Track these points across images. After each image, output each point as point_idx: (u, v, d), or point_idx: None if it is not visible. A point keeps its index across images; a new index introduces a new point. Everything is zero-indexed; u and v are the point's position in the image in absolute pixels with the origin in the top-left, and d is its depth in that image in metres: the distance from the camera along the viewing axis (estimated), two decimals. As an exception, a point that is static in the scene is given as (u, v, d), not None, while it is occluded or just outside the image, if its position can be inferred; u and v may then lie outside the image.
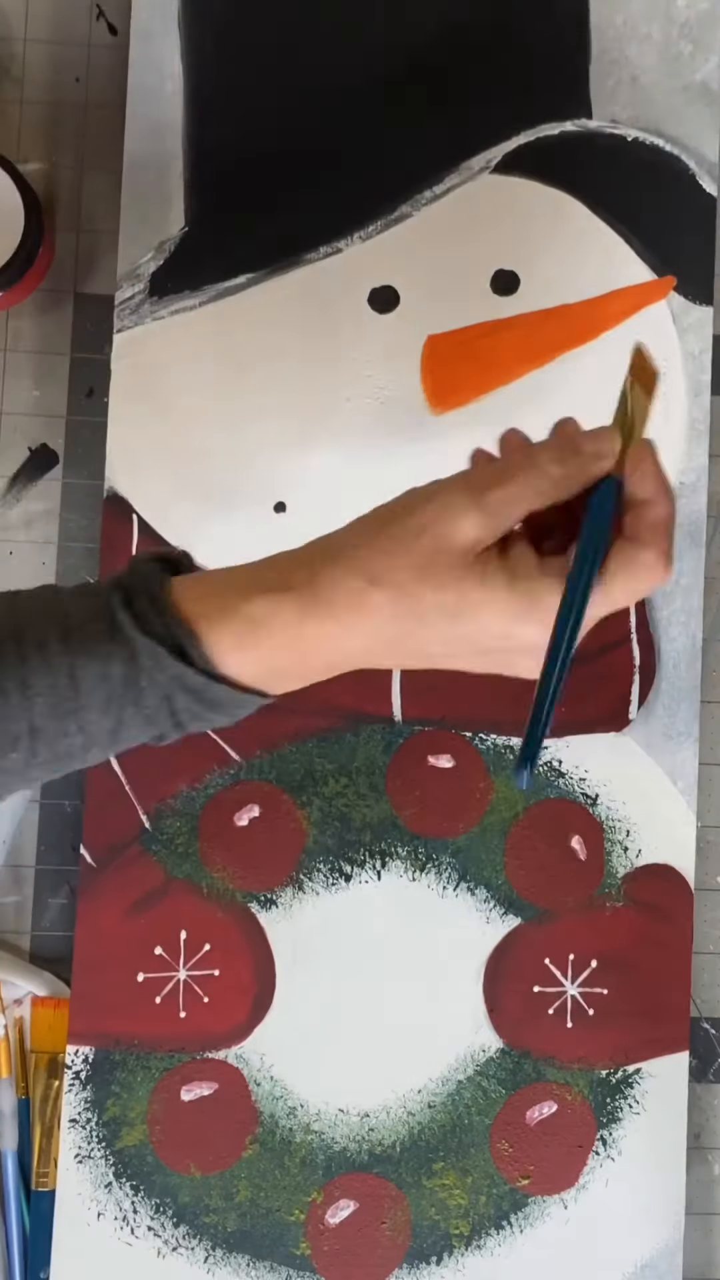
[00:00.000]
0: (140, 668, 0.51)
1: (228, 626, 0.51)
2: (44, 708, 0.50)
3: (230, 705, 0.52)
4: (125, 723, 0.52)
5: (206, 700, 0.51)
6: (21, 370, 0.72)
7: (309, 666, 0.53)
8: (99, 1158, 0.68)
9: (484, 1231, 0.69)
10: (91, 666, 0.50)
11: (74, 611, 0.52)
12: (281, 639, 0.52)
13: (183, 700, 0.51)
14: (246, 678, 0.52)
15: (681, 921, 0.71)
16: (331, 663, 0.53)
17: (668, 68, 0.73)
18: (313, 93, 0.72)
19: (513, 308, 0.72)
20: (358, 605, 0.51)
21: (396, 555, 0.52)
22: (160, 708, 0.51)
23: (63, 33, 0.73)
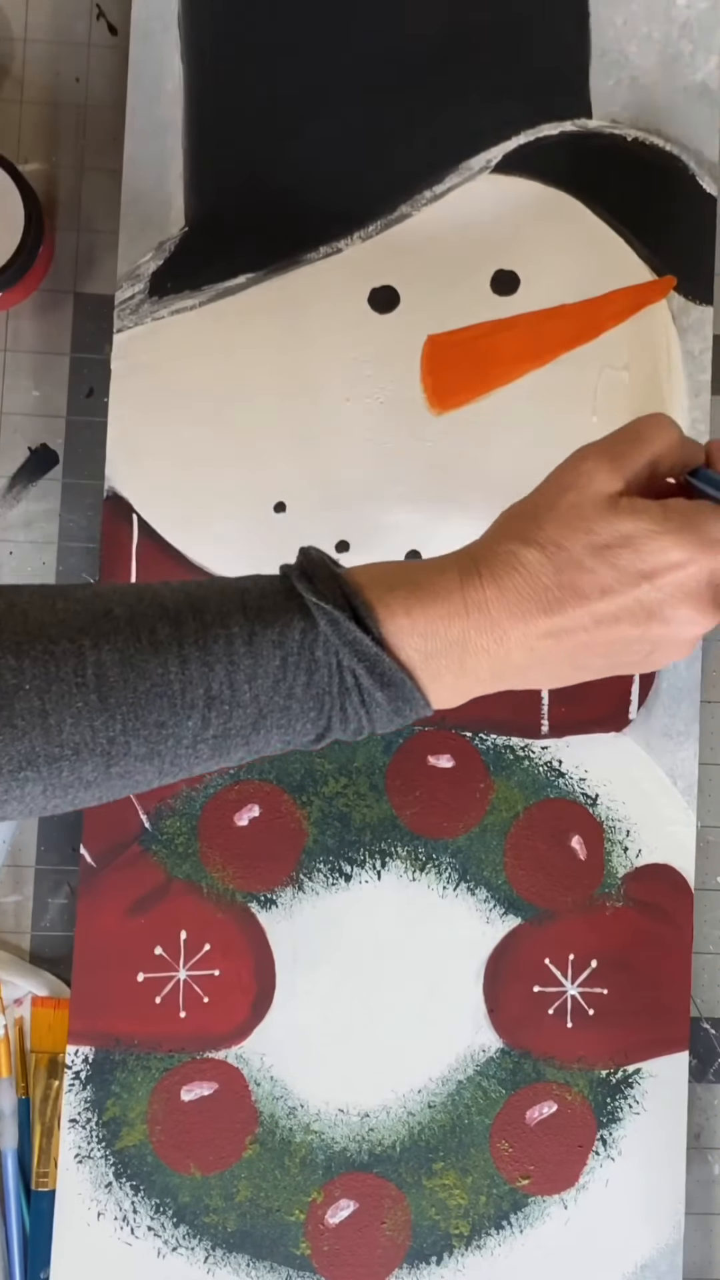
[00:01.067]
0: (317, 633, 0.53)
1: (397, 593, 0.54)
2: (222, 673, 0.52)
3: (399, 688, 0.53)
4: (296, 698, 0.53)
5: (378, 675, 0.53)
6: (21, 370, 0.72)
7: (472, 645, 0.54)
8: (99, 1158, 0.68)
9: (484, 1231, 0.69)
10: (270, 633, 0.52)
11: (252, 588, 0.54)
12: (445, 607, 0.54)
13: (355, 673, 0.53)
14: (413, 654, 0.54)
15: (681, 921, 0.71)
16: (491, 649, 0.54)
17: (668, 68, 0.73)
18: (313, 92, 0.72)
19: (513, 308, 0.72)
20: (513, 566, 0.54)
21: (542, 517, 0.55)
22: (332, 683, 0.53)
23: (63, 33, 0.73)
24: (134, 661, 0.51)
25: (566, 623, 0.54)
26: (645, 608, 0.54)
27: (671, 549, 0.53)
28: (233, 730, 0.53)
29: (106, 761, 0.51)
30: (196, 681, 0.52)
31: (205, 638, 0.52)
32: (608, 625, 0.54)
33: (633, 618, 0.54)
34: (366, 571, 0.55)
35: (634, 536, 0.53)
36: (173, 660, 0.51)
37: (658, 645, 0.55)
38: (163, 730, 0.52)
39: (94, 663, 0.51)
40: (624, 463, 0.55)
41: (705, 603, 0.54)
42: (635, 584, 0.53)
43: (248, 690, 0.52)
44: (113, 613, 0.52)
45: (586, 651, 0.55)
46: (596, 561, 0.53)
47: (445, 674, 0.54)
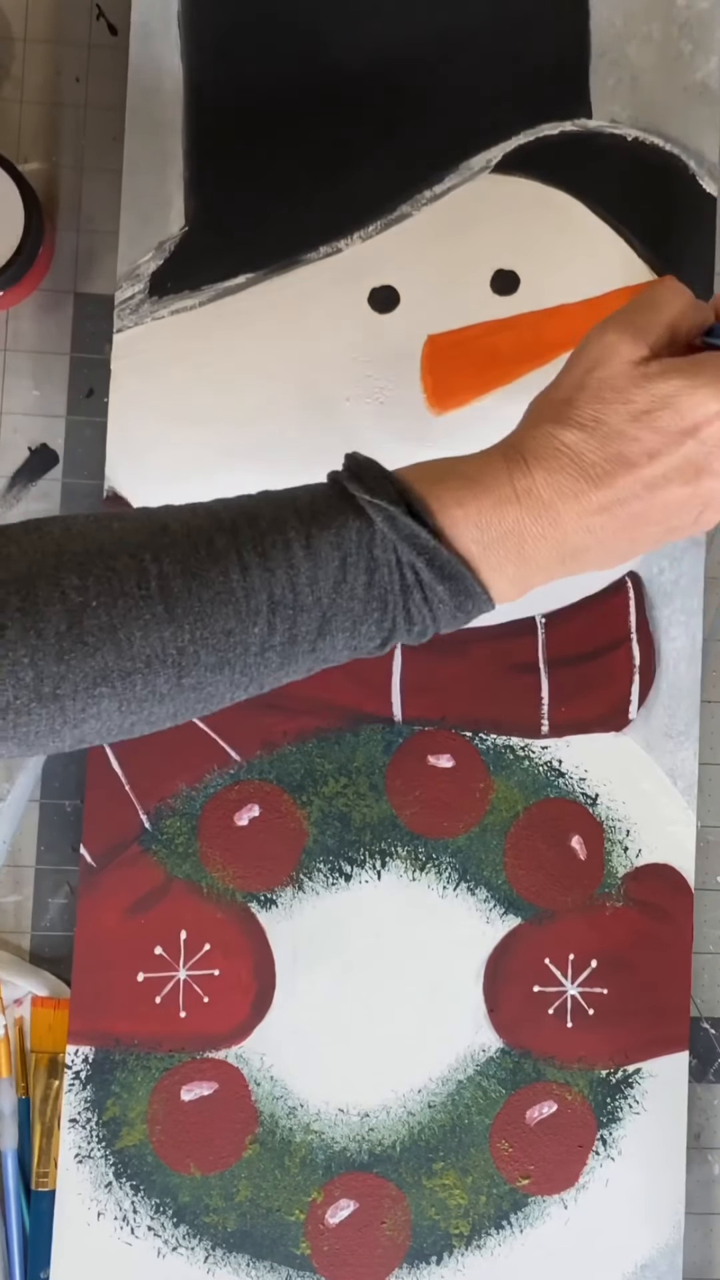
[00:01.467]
0: (374, 530, 0.53)
1: (447, 484, 0.54)
2: (283, 578, 0.52)
3: (459, 581, 0.53)
4: (358, 599, 0.53)
5: (438, 568, 0.53)
6: (21, 370, 0.72)
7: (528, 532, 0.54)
8: (99, 1158, 0.68)
9: (484, 1231, 0.69)
10: (327, 535, 0.53)
11: (303, 495, 0.55)
12: (496, 495, 0.54)
13: (416, 568, 0.53)
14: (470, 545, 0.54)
15: (681, 921, 0.71)
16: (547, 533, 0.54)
17: (668, 68, 0.73)
18: (313, 92, 0.72)
19: (513, 308, 0.72)
20: (556, 448, 0.54)
21: (575, 396, 0.55)
22: (393, 578, 0.53)
23: (63, 33, 0.73)
24: (195, 571, 0.51)
25: (619, 493, 0.54)
26: (693, 463, 0.54)
27: (709, 400, 0.54)
28: (299, 635, 0.53)
29: (179, 672, 0.51)
30: (259, 587, 0.52)
31: (263, 544, 0.52)
32: (660, 488, 0.54)
33: (682, 476, 0.54)
34: (414, 469, 0.55)
35: (670, 396, 0.54)
36: (234, 568, 0.52)
37: (709, 501, 0.55)
38: (230, 638, 0.52)
39: (157, 575, 0.51)
40: (645, 330, 0.55)
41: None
42: (680, 442, 0.54)
43: (310, 593, 0.52)
44: (169, 528, 0.53)
45: (641, 521, 0.55)
46: (638, 428, 0.54)
47: (506, 564, 0.54)
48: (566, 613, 0.71)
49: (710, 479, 0.55)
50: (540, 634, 0.71)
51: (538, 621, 0.71)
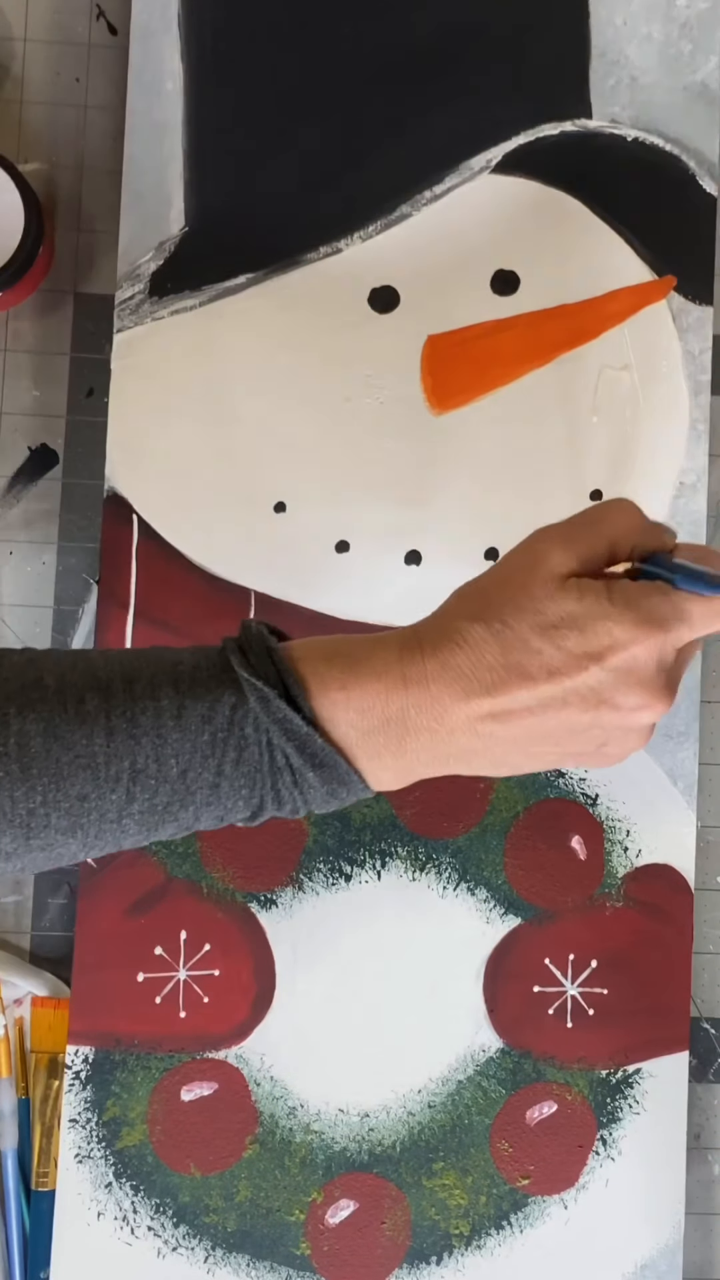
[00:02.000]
0: (247, 710, 0.51)
1: (331, 669, 0.52)
2: (149, 747, 0.51)
3: (332, 769, 0.52)
4: (225, 776, 0.51)
5: (309, 755, 0.51)
6: (21, 370, 0.72)
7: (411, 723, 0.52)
8: (99, 1158, 0.68)
9: (484, 1231, 0.69)
10: (199, 707, 0.51)
11: (187, 660, 0.53)
12: (383, 681, 0.52)
13: (285, 753, 0.51)
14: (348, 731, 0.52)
15: (681, 921, 0.71)
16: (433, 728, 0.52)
17: (668, 68, 0.73)
18: (312, 92, 0.72)
19: (513, 308, 0.72)
20: (457, 642, 0.52)
21: (491, 594, 0.53)
22: (262, 761, 0.52)
23: (63, 33, 0.73)
24: (58, 732, 0.50)
25: (511, 704, 0.51)
26: (594, 692, 0.51)
27: (616, 629, 0.51)
28: (159, 806, 0.52)
29: (26, 833, 0.50)
30: (122, 754, 0.50)
31: (133, 709, 0.51)
32: (555, 709, 0.52)
33: (582, 702, 0.51)
34: (304, 646, 0.54)
35: (580, 617, 0.51)
36: (99, 732, 0.50)
37: (610, 733, 0.53)
38: (85, 804, 0.51)
39: (17, 732, 0.50)
40: (579, 544, 0.53)
41: (657, 688, 0.52)
42: (582, 666, 0.51)
43: (174, 765, 0.51)
44: (43, 681, 0.51)
45: (534, 738, 0.52)
46: (543, 642, 0.51)
47: (384, 753, 0.52)
48: (566, 613, 0.71)
49: (610, 711, 0.52)
50: (540, 634, 0.71)
51: (538, 621, 0.71)
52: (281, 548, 0.70)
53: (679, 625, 0.52)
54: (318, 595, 0.70)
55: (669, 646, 0.52)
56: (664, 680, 0.52)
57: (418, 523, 0.71)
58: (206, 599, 0.70)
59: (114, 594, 0.70)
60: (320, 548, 0.70)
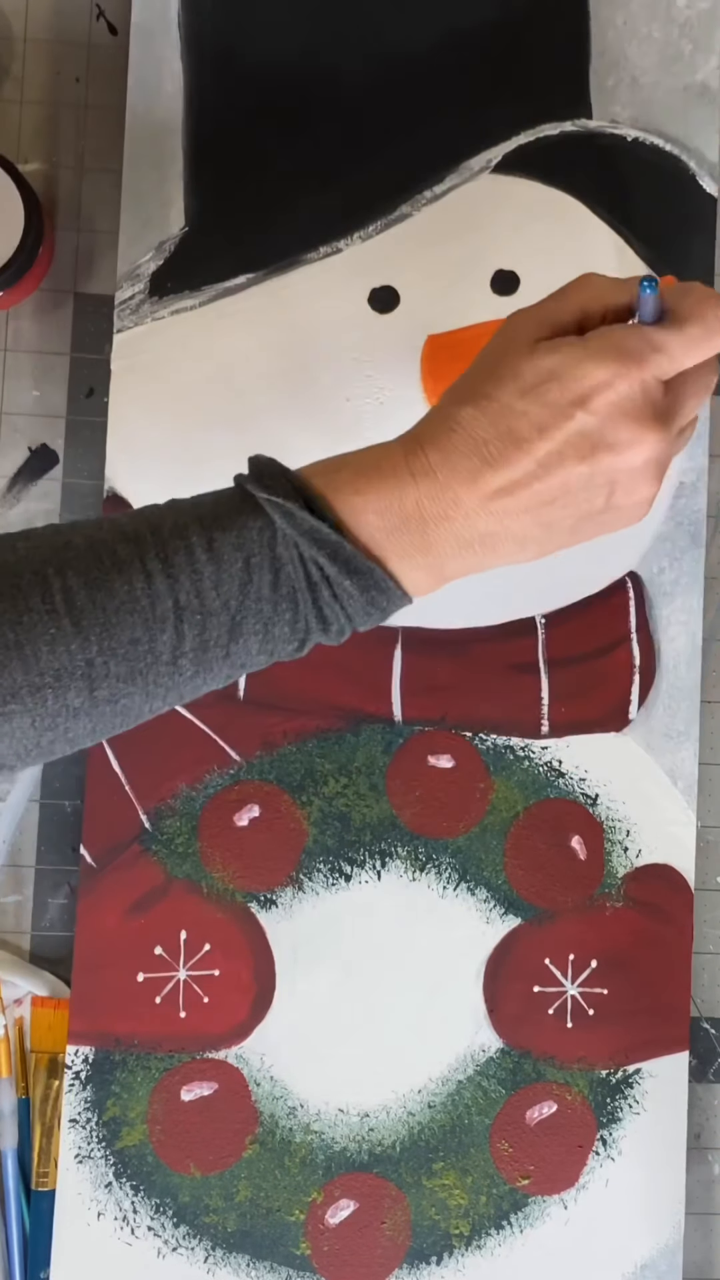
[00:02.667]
0: (274, 530, 0.52)
1: (343, 474, 0.54)
2: (187, 584, 0.52)
3: (367, 575, 0.53)
4: (265, 600, 0.53)
5: (342, 561, 0.52)
6: (21, 370, 0.72)
7: (429, 514, 0.53)
8: (99, 1158, 0.68)
9: (484, 1231, 0.69)
10: (228, 537, 0.52)
11: (207, 500, 0.54)
12: (393, 479, 0.53)
13: (319, 563, 0.52)
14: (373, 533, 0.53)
15: (681, 921, 0.71)
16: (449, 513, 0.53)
17: (668, 68, 0.73)
18: (313, 92, 0.72)
19: (513, 307, 0.71)
20: (449, 426, 0.53)
21: (474, 376, 0.55)
22: (299, 576, 0.53)
23: (63, 33, 0.73)
24: (100, 582, 0.51)
25: (513, 473, 0.52)
26: (586, 437, 0.52)
27: (593, 369, 0.52)
28: (210, 641, 0.52)
29: (89, 685, 0.51)
30: (164, 594, 0.52)
31: (165, 550, 0.52)
32: (554, 466, 0.52)
33: (576, 450, 0.52)
34: (314, 465, 0.55)
35: (555, 368, 0.52)
36: (138, 576, 0.51)
37: (614, 478, 0.53)
38: (138, 647, 0.52)
39: (61, 589, 0.51)
40: (549, 314, 0.55)
41: (646, 418, 0.52)
42: (569, 414, 0.52)
43: (216, 597, 0.52)
44: (72, 542, 0.52)
45: (545, 504, 0.53)
46: (527, 402, 0.52)
47: (412, 551, 0.54)
48: (566, 613, 0.71)
49: (607, 454, 0.52)
50: (540, 634, 0.71)
51: (538, 621, 0.71)
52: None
53: (655, 356, 0.53)
54: (318, 595, 0.70)
55: (650, 378, 0.53)
56: (651, 411, 0.53)
57: (418, 523, 0.71)
58: (206, 599, 0.70)
59: (114, 594, 0.70)
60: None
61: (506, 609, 0.71)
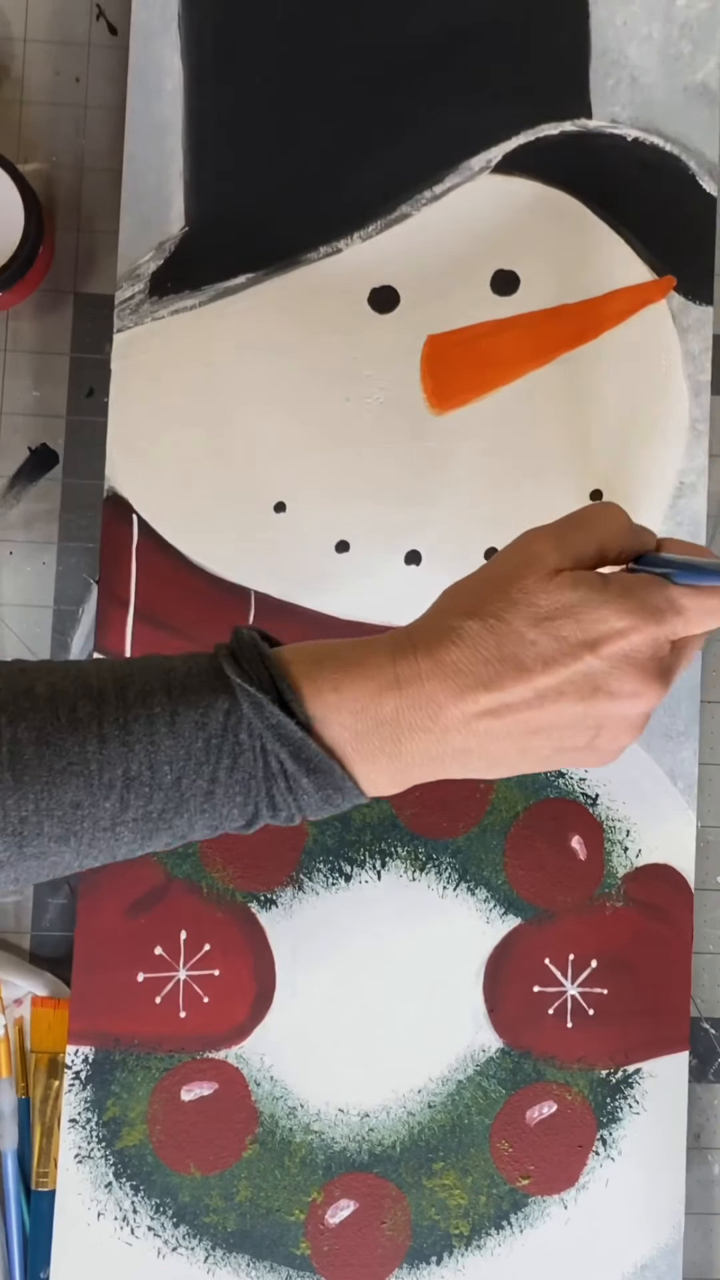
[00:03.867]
0: (240, 716, 0.51)
1: (323, 670, 0.52)
2: (142, 754, 0.50)
3: (326, 775, 0.51)
4: (219, 783, 0.51)
5: (303, 760, 0.51)
6: (21, 370, 0.72)
7: (405, 722, 0.52)
8: (99, 1158, 0.68)
9: (484, 1231, 0.69)
10: (192, 714, 0.51)
11: (179, 666, 0.52)
12: (376, 681, 0.52)
13: (280, 758, 0.51)
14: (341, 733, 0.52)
15: (681, 921, 0.71)
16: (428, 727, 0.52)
17: (668, 68, 0.73)
18: (312, 92, 0.72)
19: (513, 308, 0.72)
20: (451, 639, 0.52)
21: (484, 592, 0.53)
22: (256, 767, 0.51)
23: (63, 33, 0.73)
24: (51, 739, 0.50)
25: (508, 698, 0.51)
26: (589, 680, 0.52)
27: (613, 617, 0.51)
28: (154, 814, 0.51)
29: (19, 841, 0.50)
30: (115, 761, 0.50)
31: (126, 716, 0.51)
32: (551, 700, 0.52)
33: (577, 690, 0.52)
34: (296, 649, 0.53)
35: (575, 606, 0.51)
36: (91, 739, 0.50)
37: (604, 723, 0.53)
38: (78, 811, 0.50)
39: (9, 740, 0.50)
40: (570, 545, 0.53)
41: (651, 674, 0.52)
42: (578, 655, 0.51)
43: (169, 772, 0.51)
44: (34, 690, 0.51)
45: (529, 732, 0.52)
46: (538, 633, 0.51)
47: (379, 755, 0.52)
48: (566, 613, 0.71)
49: (605, 700, 0.52)
50: (540, 634, 0.71)
51: (538, 621, 0.71)
52: (281, 548, 0.70)
53: (674, 617, 0.52)
54: (318, 595, 0.70)
55: (664, 637, 0.52)
56: (658, 668, 0.53)
57: (418, 523, 0.71)
58: (206, 599, 0.70)
59: (114, 594, 0.70)
60: (320, 548, 0.71)
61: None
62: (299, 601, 0.70)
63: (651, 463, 0.71)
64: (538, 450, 0.71)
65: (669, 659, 0.54)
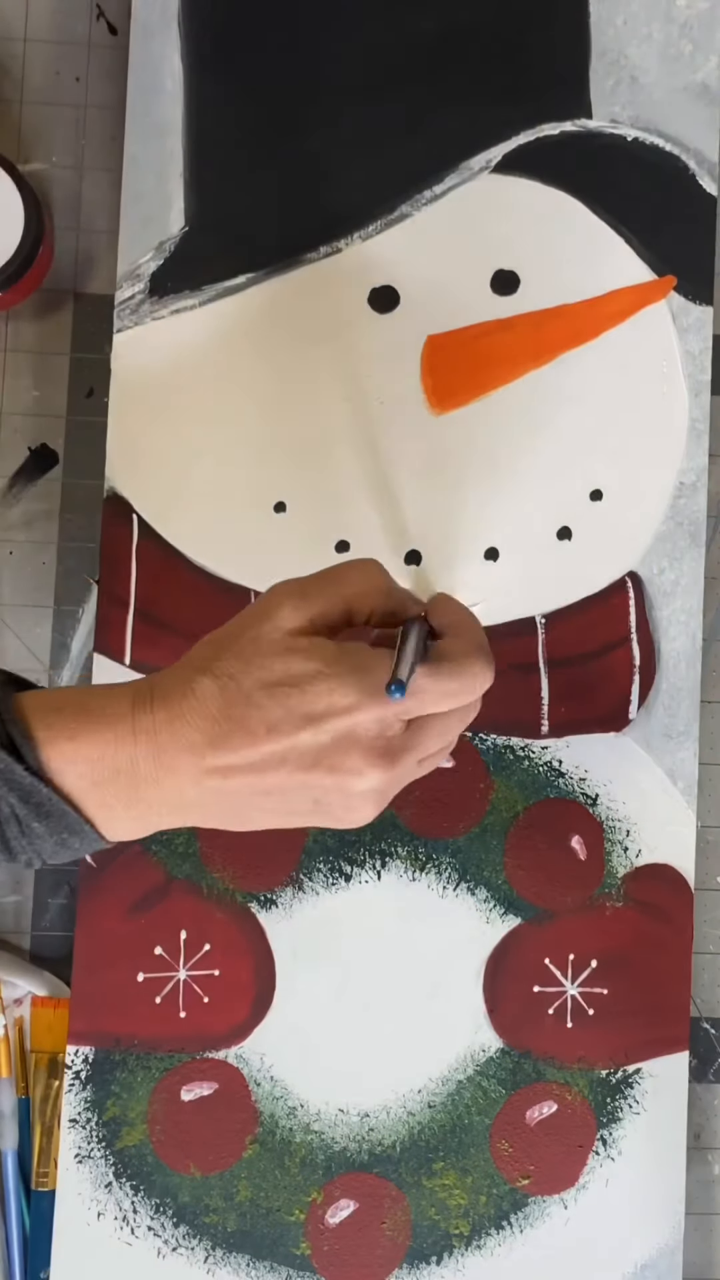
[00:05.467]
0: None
1: (61, 718, 0.52)
2: None
3: (59, 819, 0.52)
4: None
5: (34, 805, 0.51)
6: (21, 370, 0.72)
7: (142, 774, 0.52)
8: (99, 1158, 0.68)
9: (484, 1231, 0.69)
10: None
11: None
12: (113, 731, 0.52)
13: (10, 803, 0.51)
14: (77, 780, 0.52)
15: (681, 921, 0.71)
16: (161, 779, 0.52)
17: (668, 68, 0.73)
18: (312, 92, 0.72)
19: (513, 308, 0.72)
20: (187, 692, 0.52)
21: (224, 646, 0.53)
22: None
23: (63, 33, 0.73)
24: None
25: (233, 759, 0.51)
26: (311, 752, 0.51)
27: (338, 692, 0.51)
28: None
29: None
30: None
31: None
32: (273, 767, 0.51)
33: (299, 760, 0.51)
34: (38, 695, 0.54)
35: (301, 677, 0.51)
36: None
37: (325, 795, 0.52)
38: None
39: None
40: (312, 601, 0.53)
41: (376, 753, 0.52)
42: (301, 726, 0.51)
43: None
44: None
45: (258, 794, 0.52)
46: (265, 697, 0.51)
47: (115, 804, 0.52)
48: (566, 613, 0.71)
49: (327, 774, 0.51)
50: (540, 634, 0.71)
51: (538, 621, 0.71)
52: (281, 548, 0.70)
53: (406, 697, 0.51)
54: (318, 595, 0.70)
55: (391, 717, 0.52)
56: (383, 748, 0.52)
57: (418, 523, 0.71)
58: (206, 599, 0.70)
59: (114, 594, 0.70)
60: (320, 548, 0.70)
61: (508, 608, 0.71)
62: (299, 601, 0.70)
63: (651, 463, 0.71)
64: (538, 450, 0.71)
65: (400, 739, 0.53)
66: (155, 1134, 0.69)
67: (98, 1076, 0.68)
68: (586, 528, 0.71)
